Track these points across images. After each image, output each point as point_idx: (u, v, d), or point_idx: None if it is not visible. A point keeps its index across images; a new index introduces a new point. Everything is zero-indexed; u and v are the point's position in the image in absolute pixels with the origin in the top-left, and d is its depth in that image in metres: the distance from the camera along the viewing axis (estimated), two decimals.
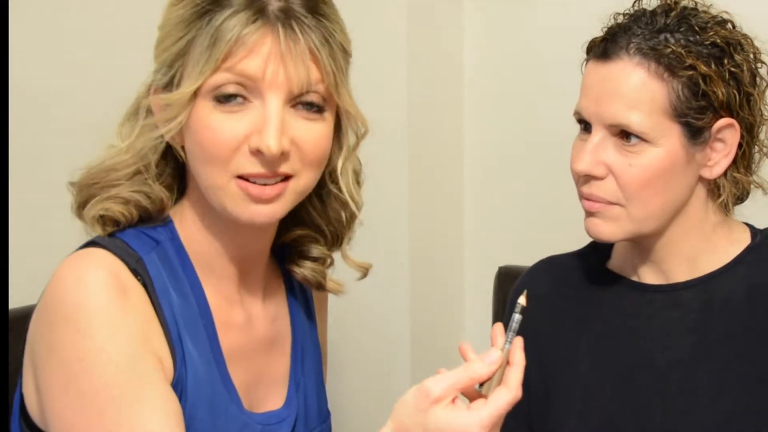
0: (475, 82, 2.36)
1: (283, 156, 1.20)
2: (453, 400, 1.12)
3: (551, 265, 1.53)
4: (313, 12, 1.20)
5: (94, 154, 1.29)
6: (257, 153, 1.19)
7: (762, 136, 1.38)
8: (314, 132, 1.22)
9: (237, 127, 1.19)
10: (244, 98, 1.19)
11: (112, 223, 1.26)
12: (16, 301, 1.42)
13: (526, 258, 1.69)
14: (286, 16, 1.18)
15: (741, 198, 1.42)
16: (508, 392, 1.13)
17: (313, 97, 1.21)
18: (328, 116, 1.24)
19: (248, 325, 1.32)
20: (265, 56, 1.18)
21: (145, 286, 1.21)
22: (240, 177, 1.20)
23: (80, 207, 1.28)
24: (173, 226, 1.28)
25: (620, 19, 1.37)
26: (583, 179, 1.36)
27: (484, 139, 2.37)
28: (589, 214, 1.37)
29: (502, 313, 1.61)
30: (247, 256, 1.31)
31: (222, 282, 1.30)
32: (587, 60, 1.38)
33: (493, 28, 2.33)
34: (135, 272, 1.21)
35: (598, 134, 1.34)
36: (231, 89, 1.19)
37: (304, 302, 1.42)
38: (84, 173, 1.28)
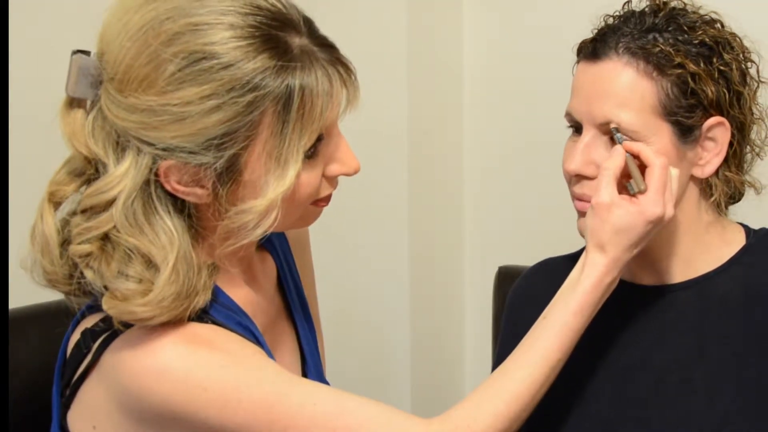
0: (475, 81, 2.36)
1: None
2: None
3: (547, 267, 1.53)
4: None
5: None
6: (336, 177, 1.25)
7: (753, 135, 1.38)
8: None
9: (318, 170, 1.22)
10: (320, 140, 1.21)
11: None
12: (16, 301, 1.43)
13: (526, 258, 1.69)
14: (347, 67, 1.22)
15: (734, 198, 1.42)
16: (653, 162, 1.27)
17: None
18: None
19: (260, 303, 1.34)
20: (344, 104, 1.22)
21: (215, 322, 1.21)
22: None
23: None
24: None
25: (609, 20, 1.37)
26: (575, 179, 1.36)
27: (484, 139, 2.37)
28: (582, 214, 1.37)
29: (501, 313, 1.61)
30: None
31: (238, 277, 1.31)
32: (577, 61, 1.38)
33: (492, 28, 2.33)
34: (200, 319, 1.20)
35: (588, 134, 1.34)
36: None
37: (290, 275, 1.43)
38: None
